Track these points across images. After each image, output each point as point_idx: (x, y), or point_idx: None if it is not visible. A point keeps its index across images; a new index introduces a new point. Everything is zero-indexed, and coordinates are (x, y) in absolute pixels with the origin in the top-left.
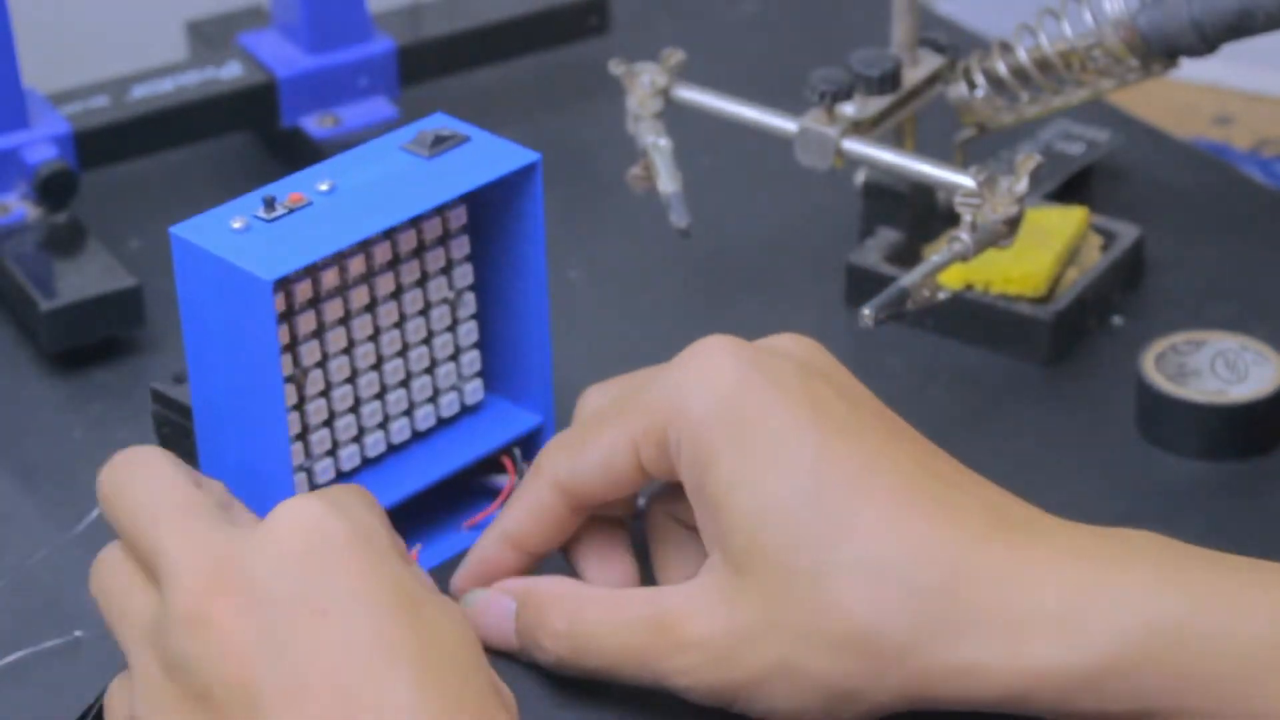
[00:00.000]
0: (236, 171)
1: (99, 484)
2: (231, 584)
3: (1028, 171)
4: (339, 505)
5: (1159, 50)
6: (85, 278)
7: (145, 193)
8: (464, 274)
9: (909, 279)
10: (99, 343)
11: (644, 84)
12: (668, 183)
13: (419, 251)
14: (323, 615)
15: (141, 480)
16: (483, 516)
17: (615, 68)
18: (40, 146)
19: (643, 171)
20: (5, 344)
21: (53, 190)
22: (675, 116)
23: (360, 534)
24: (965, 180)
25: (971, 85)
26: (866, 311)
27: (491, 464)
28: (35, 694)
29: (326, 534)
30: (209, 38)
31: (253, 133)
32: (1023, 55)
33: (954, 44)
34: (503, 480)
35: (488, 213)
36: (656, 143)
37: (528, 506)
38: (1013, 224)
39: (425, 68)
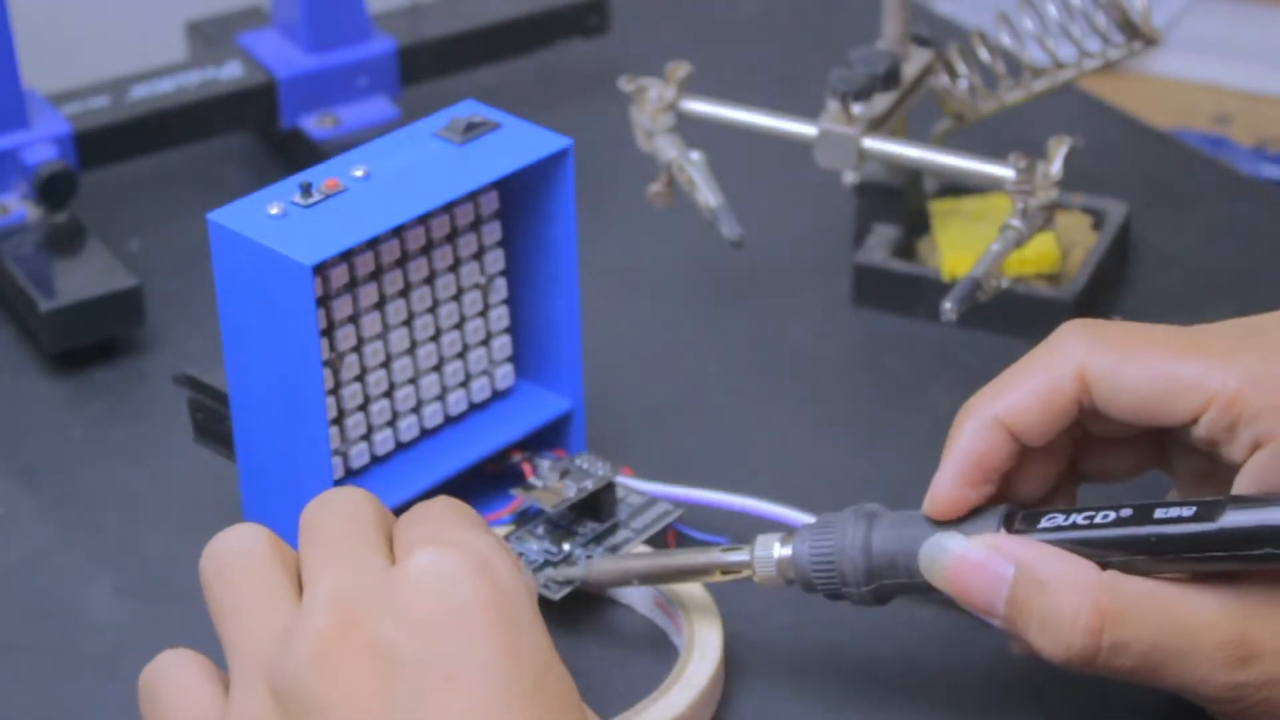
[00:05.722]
0: (236, 172)
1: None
2: (362, 634)
3: (1060, 154)
4: (483, 563)
5: None
6: (85, 278)
7: (145, 193)
8: (495, 259)
9: (978, 270)
10: (99, 343)
11: (653, 99)
12: (711, 196)
13: (452, 237)
14: (449, 683)
15: (331, 507)
16: (493, 519)
17: (625, 85)
18: (40, 147)
19: (664, 188)
20: (5, 344)
21: (53, 190)
22: None
23: (497, 597)
24: (1001, 170)
25: (954, 75)
26: (948, 305)
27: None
28: (35, 695)
29: (463, 597)
30: (209, 38)
31: (253, 133)
32: (1006, 38)
33: (937, 37)
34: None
35: (519, 198)
36: (689, 157)
37: (1035, 384)
38: (1055, 208)
39: (425, 68)
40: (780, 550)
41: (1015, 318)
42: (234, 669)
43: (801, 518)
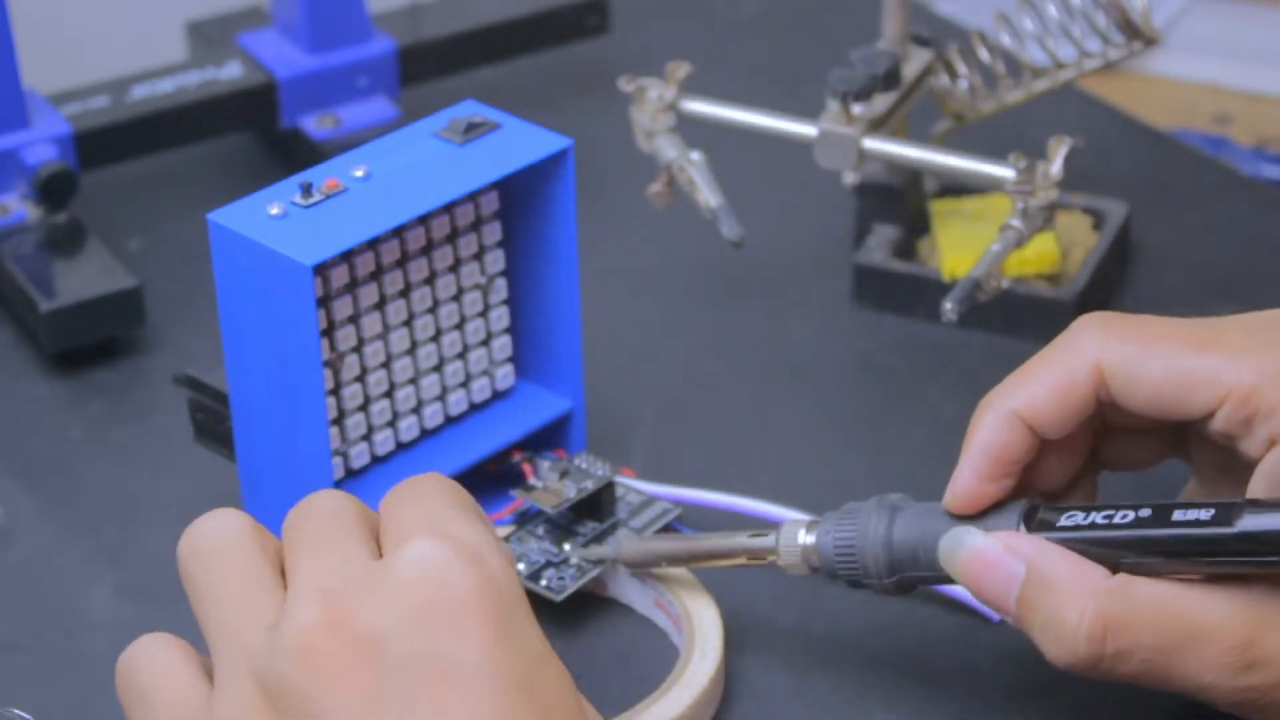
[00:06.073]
0: (236, 172)
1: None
2: (351, 628)
3: (1061, 155)
4: (475, 555)
5: None
6: (85, 278)
7: (145, 193)
8: (496, 259)
9: (978, 271)
10: (99, 343)
11: (653, 99)
12: (711, 196)
13: (452, 237)
14: (443, 680)
15: (313, 509)
16: (493, 520)
17: (625, 85)
18: (40, 147)
19: (664, 188)
20: (5, 344)
21: (53, 190)
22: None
23: (491, 591)
24: (1001, 171)
25: (954, 75)
26: (948, 305)
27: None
28: (35, 694)
29: (456, 591)
30: (209, 38)
31: (253, 133)
32: (1005, 38)
33: (937, 37)
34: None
35: (519, 198)
36: (690, 157)
37: (1052, 379)
38: (1054, 208)
39: (425, 68)
40: (805, 538)
41: (1015, 318)
42: (218, 659)
43: (801, 519)
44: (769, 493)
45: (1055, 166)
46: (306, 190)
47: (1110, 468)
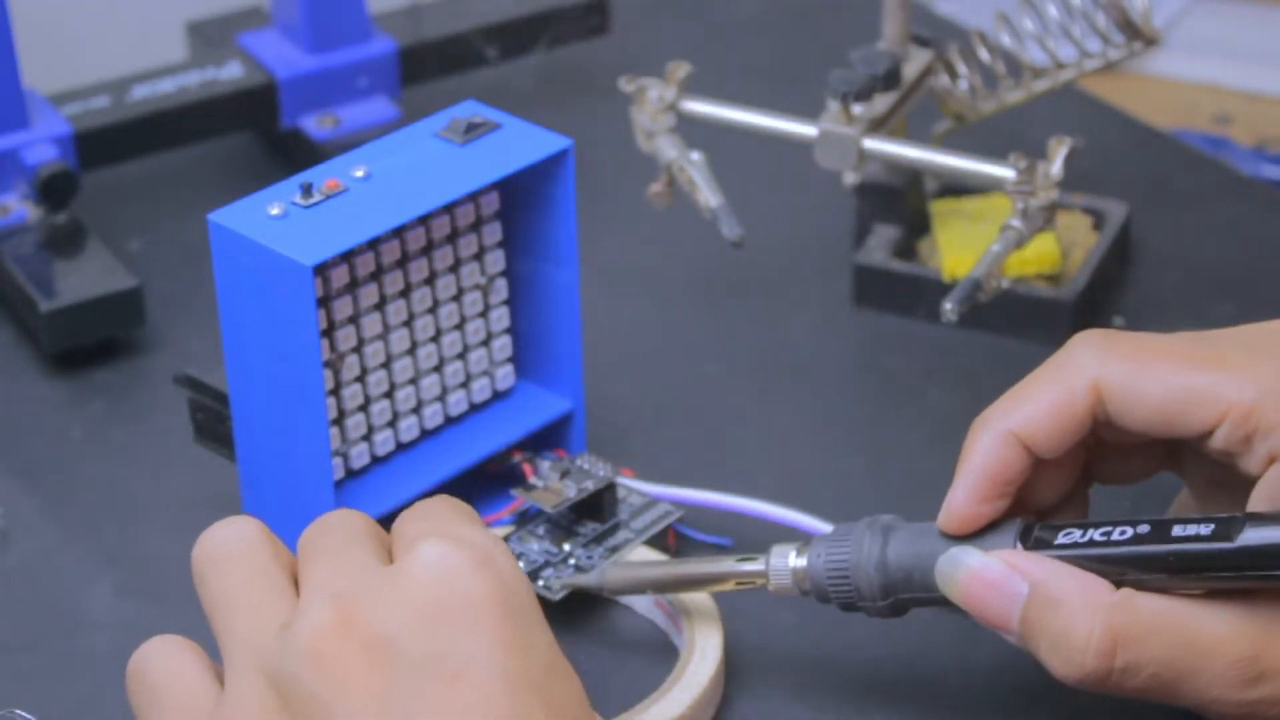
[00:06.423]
0: (236, 172)
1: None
2: (363, 629)
3: (1061, 155)
4: (485, 557)
5: None
6: (85, 278)
7: (145, 193)
8: (496, 260)
9: (979, 271)
10: (99, 343)
11: (653, 99)
12: (711, 196)
13: (452, 237)
14: (455, 680)
15: (326, 526)
16: (494, 519)
17: (625, 85)
18: (41, 147)
19: (664, 188)
20: (5, 344)
21: (53, 191)
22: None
23: (502, 593)
24: (1001, 171)
25: (954, 75)
26: (949, 306)
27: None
28: (35, 695)
29: (467, 592)
30: (209, 38)
31: (253, 133)
32: (1005, 39)
33: (937, 37)
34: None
35: (519, 198)
36: (690, 157)
37: (1049, 398)
38: (1054, 208)
39: (425, 68)
40: (795, 560)
41: (1015, 318)
42: (229, 660)
43: (801, 519)
44: (769, 493)
45: (1055, 166)
46: (306, 190)
47: (1102, 481)
